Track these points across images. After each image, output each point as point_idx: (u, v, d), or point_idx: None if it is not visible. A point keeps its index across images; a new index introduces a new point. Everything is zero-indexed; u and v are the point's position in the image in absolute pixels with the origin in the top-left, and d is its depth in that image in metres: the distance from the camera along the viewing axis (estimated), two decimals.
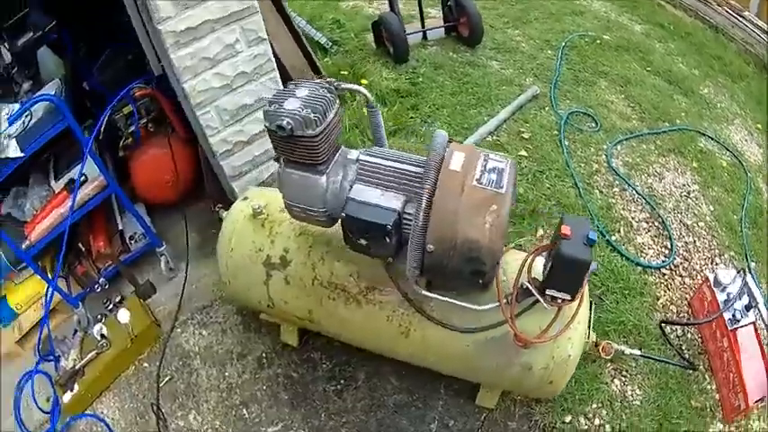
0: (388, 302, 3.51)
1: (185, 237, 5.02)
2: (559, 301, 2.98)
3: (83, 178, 4.37)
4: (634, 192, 5.47)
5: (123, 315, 4.36)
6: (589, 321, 3.43)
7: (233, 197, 4.63)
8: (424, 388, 4.12)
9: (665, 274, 4.87)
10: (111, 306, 4.75)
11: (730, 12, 9.01)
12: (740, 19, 8.83)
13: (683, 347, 4.38)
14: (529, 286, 3.04)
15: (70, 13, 4.98)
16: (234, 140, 4.30)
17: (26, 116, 4.15)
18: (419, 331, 3.44)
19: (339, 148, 3.20)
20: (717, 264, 5.06)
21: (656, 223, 5.24)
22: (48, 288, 4.54)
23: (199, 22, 3.73)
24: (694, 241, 5.18)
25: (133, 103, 4.71)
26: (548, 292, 2.96)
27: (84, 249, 4.94)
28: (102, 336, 4.40)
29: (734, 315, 4.01)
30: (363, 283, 3.55)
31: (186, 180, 5.13)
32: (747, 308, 3.99)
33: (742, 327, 3.98)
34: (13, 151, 4.07)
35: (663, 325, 4.35)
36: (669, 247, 5.05)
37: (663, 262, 4.93)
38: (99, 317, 4.64)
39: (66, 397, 4.24)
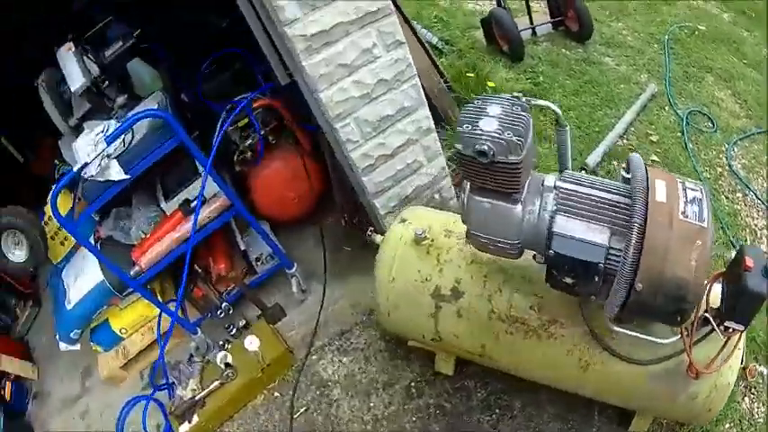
0: (569, 336, 3.23)
1: (322, 256, 4.81)
2: (731, 330, 2.74)
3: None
4: (755, 197, 5.22)
5: (252, 342, 4.07)
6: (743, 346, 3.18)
7: (374, 215, 4.30)
8: (578, 414, 3.82)
9: None
10: (234, 331, 4.48)
11: None
12: None
13: None
14: (709, 318, 2.79)
15: (157, 21, 4.77)
16: (376, 155, 3.93)
17: (126, 133, 3.84)
18: (599, 365, 3.21)
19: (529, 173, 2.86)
20: None
21: None
22: (161, 314, 4.35)
23: (331, 25, 3.38)
24: None
25: (252, 115, 4.38)
26: (726, 323, 2.72)
27: (200, 271, 4.63)
28: (227, 365, 4.12)
29: None
30: (545, 316, 3.26)
31: (313, 195, 4.85)
32: None
33: None
34: (117, 173, 3.77)
35: None
36: None
37: None
38: (222, 343, 4.35)
39: (184, 428, 3.99)
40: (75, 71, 4.18)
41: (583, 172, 4.52)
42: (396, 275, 3.56)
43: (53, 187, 3.77)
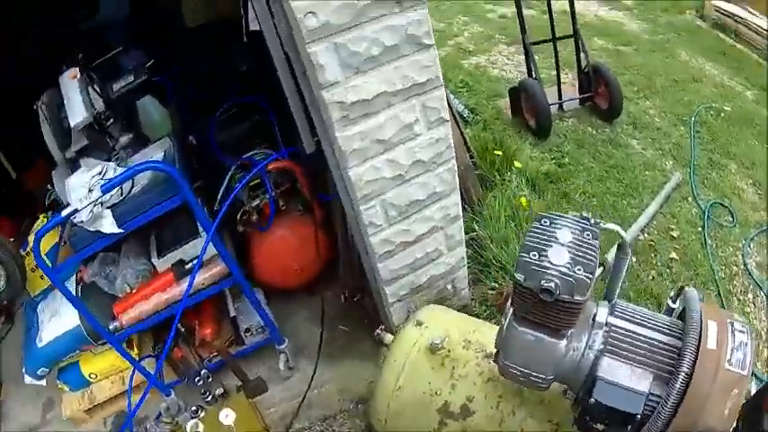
0: None
1: (317, 332, 4.50)
2: None
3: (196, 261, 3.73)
4: (765, 297, 5.04)
5: (227, 416, 3.65)
6: None
7: (382, 301, 4.01)
8: None
9: None
10: (209, 398, 4.16)
11: None
12: None
13: None
14: None
15: (173, 53, 4.52)
16: (397, 241, 3.63)
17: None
18: None
19: None
20: None
21: None
22: (134, 370, 4.09)
23: (374, 94, 3.01)
24: None
25: (267, 180, 4.10)
26: None
27: (183, 331, 4.28)
28: None
29: None
30: None
31: (318, 267, 4.55)
32: None
33: None
34: (109, 226, 3.42)
35: None
36: None
37: None
38: (195, 409, 3.95)
39: None
40: (77, 103, 3.82)
41: (601, 269, 4.34)
42: (403, 384, 3.25)
43: (40, 223, 3.76)
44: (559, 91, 6.83)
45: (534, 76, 6.39)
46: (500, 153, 5.59)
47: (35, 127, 4.06)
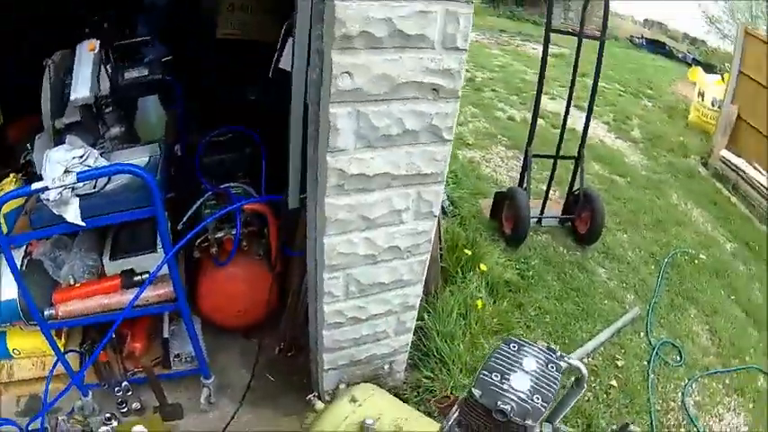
0: None
1: (247, 376, 4.30)
2: None
3: (146, 276, 3.67)
4: None
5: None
6: None
7: (316, 366, 3.98)
8: None
9: None
10: (125, 409, 4.12)
11: None
12: None
13: None
14: None
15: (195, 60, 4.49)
16: (350, 315, 3.56)
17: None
18: None
19: None
20: None
21: None
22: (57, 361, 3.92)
23: (376, 172, 2.97)
24: None
25: (239, 221, 4.06)
26: None
27: (114, 337, 4.11)
28: None
29: None
30: None
31: (261, 316, 4.47)
32: None
33: None
34: (74, 216, 3.30)
35: None
36: None
37: None
38: (108, 416, 3.98)
39: None
40: (84, 78, 3.74)
41: None
42: None
43: (9, 181, 3.70)
44: (544, 205, 6.92)
45: (524, 187, 6.47)
46: (469, 252, 5.59)
47: (38, 81, 3.93)
